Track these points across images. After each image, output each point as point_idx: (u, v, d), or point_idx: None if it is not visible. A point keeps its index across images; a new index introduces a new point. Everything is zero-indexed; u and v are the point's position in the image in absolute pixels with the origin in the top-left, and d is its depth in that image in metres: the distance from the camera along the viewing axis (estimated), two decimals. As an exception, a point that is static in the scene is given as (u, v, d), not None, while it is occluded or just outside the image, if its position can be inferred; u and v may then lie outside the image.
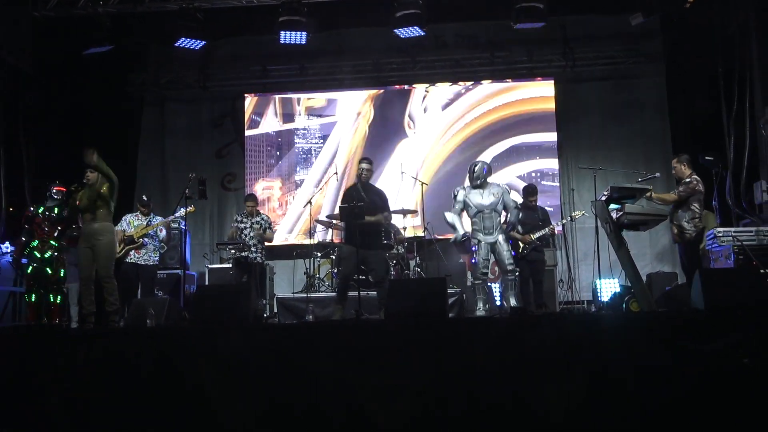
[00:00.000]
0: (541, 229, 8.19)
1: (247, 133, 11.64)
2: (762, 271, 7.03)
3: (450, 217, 7.65)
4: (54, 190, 8.14)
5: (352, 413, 4.58)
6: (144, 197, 8.57)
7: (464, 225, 7.65)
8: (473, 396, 4.56)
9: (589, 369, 4.55)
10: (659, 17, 10.06)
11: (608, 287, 9.02)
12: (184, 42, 9.76)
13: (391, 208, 7.90)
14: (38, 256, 7.92)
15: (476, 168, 7.59)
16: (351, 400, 4.60)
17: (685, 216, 6.77)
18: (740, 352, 4.43)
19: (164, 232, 8.32)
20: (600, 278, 8.64)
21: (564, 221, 9.19)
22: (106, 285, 6.56)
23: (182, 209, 8.22)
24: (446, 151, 11.37)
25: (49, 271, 7.94)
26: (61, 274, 8.07)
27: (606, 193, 6.88)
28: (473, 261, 7.60)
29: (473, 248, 7.56)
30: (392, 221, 8.25)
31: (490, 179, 7.68)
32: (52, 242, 7.99)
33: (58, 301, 8.03)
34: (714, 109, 9.57)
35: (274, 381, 4.70)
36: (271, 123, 11.66)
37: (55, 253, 7.99)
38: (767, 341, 4.47)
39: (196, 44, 9.83)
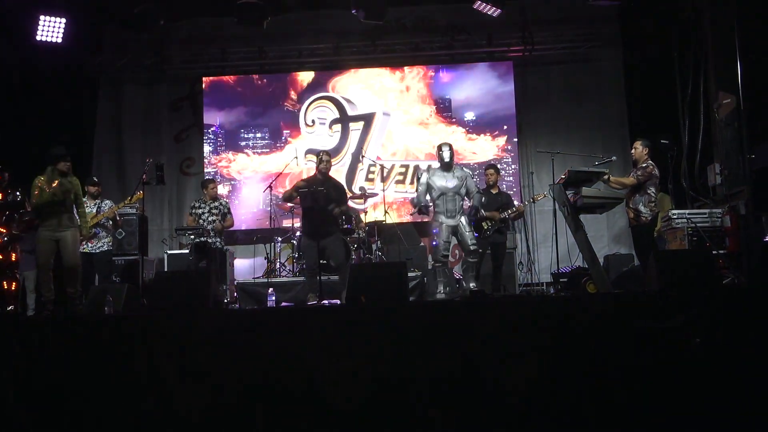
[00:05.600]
0: (506, 210, 8.23)
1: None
2: (714, 252, 7.21)
3: (416, 200, 7.73)
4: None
5: (311, 397, 4.60)
6: (95, 178, 8.37)
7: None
8: (433, 378, 4.61)
9: (547, 350, 4.63)
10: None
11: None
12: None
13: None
14: None
15: (446, 150, 7.59)
16: (310, 383, 4.62)
17: (642, 200, 6.89)
18: (691, 332, 4.55)
19: (117, 217, 8.11)
20: (559, 261, 8.73)
21: (526, 203, 9.26)
22: (73, 273, 6.56)
23: (131, 196, 8.09)
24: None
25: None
26: (12, 258, 7.88)
27: (564, 176, 6.96)
28: (434, 243, 7.62)
29: (434, 231, 7.59)
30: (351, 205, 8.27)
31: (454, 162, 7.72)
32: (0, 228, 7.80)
33: (13, 288, 7.87)
34: (669, 93, 9.73)
35: (233, 366, 4.70)
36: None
37: (5, 239, 7.80)
38: (717, 321, 4.60)
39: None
